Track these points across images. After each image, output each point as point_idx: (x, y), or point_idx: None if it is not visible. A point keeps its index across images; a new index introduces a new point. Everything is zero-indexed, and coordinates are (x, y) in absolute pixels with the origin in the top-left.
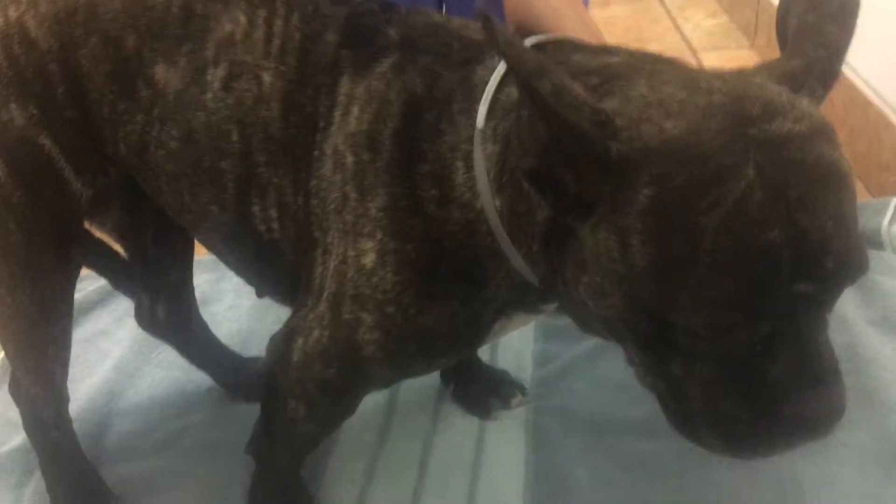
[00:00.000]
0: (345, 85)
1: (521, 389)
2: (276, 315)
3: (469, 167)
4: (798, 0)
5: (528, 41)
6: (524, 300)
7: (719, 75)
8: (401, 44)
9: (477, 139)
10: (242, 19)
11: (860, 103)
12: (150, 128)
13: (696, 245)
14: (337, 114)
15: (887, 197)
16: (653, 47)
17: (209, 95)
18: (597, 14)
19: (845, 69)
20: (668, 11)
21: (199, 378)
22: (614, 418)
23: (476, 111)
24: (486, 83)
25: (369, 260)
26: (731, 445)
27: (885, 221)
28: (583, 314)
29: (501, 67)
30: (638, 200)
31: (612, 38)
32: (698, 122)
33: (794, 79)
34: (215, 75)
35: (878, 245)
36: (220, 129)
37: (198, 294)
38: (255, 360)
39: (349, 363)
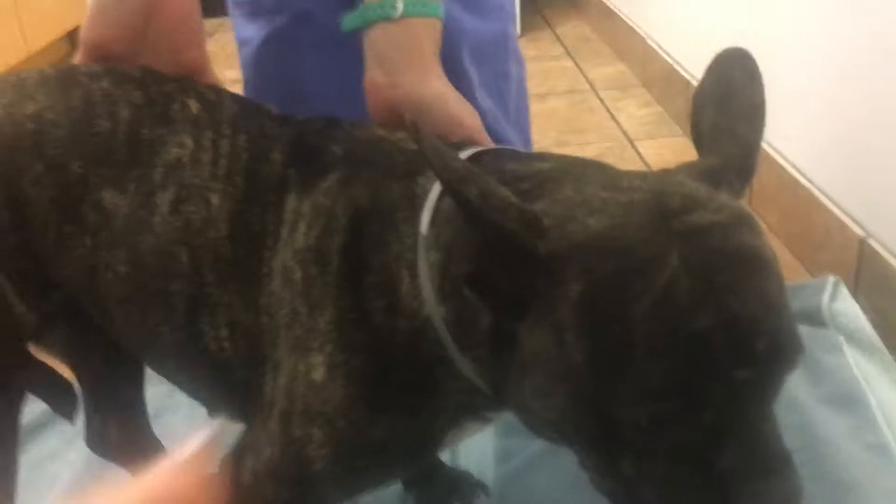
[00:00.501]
0: (291, 202)
1: (484, 489)
2: (235, 426)
3: (414, 276)
4: (708, 106)
5: (465, 152)
6: (475, 408)
7: (641, 175)
8: (345, 158)
9: (420, 247)
10: (189, 142)
11: (790, 185)
12: (98, 252)
13: (629, 336)
14: (284, 231)
15: (825, 276)
16: (590, 137)
17: (157, 219)
18: (536, 107)
19: (774, 152)
20: (602, 103)
21: None
22: None
23: (419, 220)
24: (429, 192)
25: (319, 374)
26: None
27: (825, 300)
28: (532, 418)
29: None
30: (568, 296)
31: (551, 129)
32: (621, 218)
33: (712, 175)
34: (163, 198)
35: (821, 324)
36: (168, 252)
37: (151, 407)
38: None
39: (301, 481)
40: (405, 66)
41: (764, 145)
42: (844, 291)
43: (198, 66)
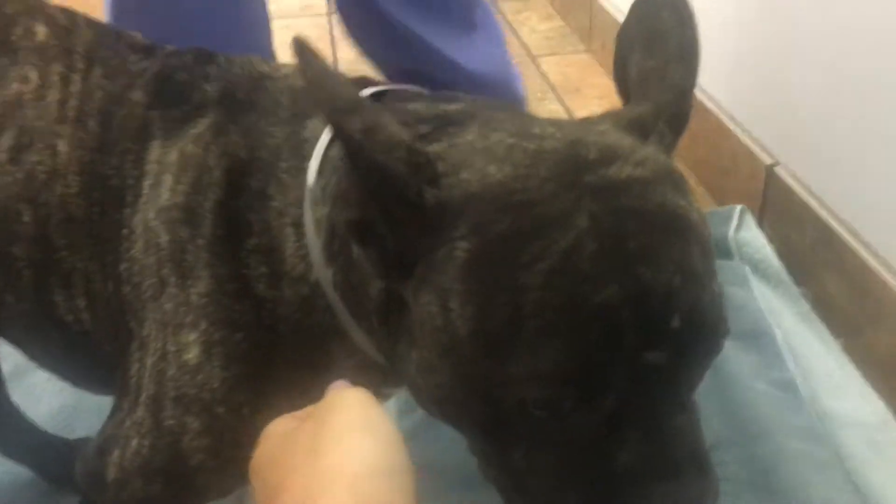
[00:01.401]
0: (155, 151)
1: None
2: None
3: (301, 234)
4: (634, 48)
5: (367, 90)
6: (373, 385)
7: (558, 122)
8: (220, 100)
9: (307, 201)
10: (33, 76)
11: (698, 110)
12: None
13: (519, 306)
14: (147, 185)
15: (732, 205)
16: None
17: None
18: None
19: None
20: (504, 16)
21: (17, 470)
22: None
23: (307, 170)
24: (318, 138)
25: (193, 355)
26: None
27: (731, 230)
28: (420, 395)
29: None
30: (455, 255)
31: None
32: (526, 168)
33: (641, 125)
34: (1, 145)
35: (727, 255)
36: (7, 209)
37: (9, 366)
38: (84, 441)
39: (176, 476)
40: None
41: None
42: (750, 220)
43: None
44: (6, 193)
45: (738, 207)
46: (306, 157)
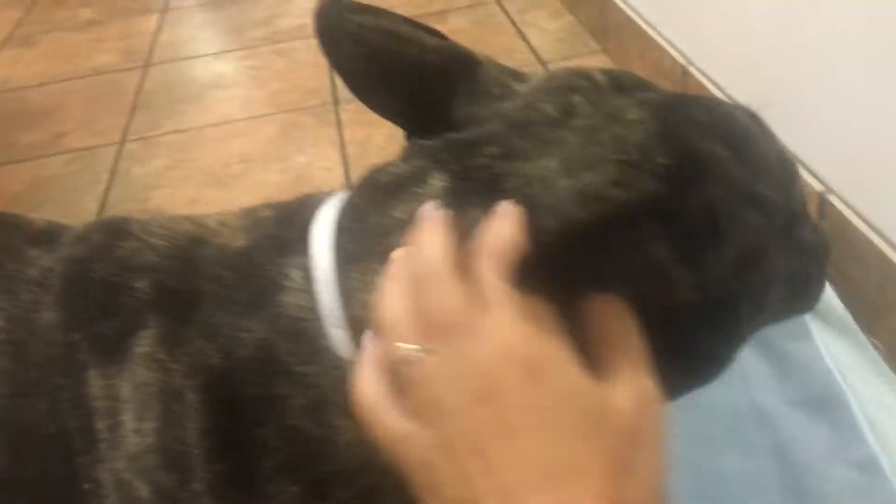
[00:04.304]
0: (96, 384)
1: None
2: None
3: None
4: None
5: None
6: None
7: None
8: (158, 297)
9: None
10: None
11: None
12: None
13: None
14: (101, 427)
15: None
16: (501, 61)
17: None
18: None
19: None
20: (509, 17)
21: None
22: None
23: (330, 344)
24: (318, 309)
25: None
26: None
27: None
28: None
29: (318, 259)
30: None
31: None
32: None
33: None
34: None
35: None
36: None
37: None
38: None
39: None
40: None
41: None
42: None
43: None
44: None
45: None
46: (314, 337)
